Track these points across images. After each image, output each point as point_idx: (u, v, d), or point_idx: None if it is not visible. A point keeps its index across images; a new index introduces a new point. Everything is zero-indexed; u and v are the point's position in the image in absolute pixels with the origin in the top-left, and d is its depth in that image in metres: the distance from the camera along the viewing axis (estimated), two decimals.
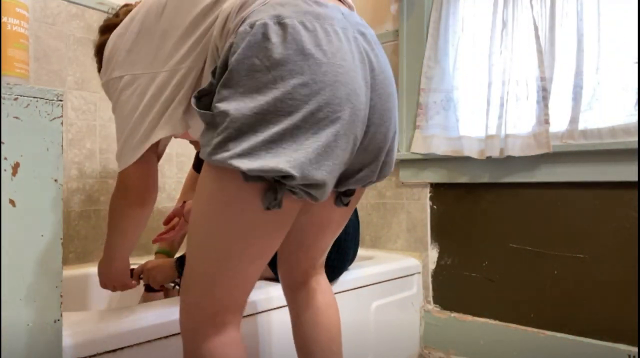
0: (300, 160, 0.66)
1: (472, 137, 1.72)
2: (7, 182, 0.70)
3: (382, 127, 0.78)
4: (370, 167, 0.81)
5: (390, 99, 0.79)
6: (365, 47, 0.75)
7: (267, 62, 0.66)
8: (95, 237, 1.66)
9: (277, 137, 0.65)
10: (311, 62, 0.67)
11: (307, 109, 0.66)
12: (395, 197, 1.99)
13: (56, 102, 0.75)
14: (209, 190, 0.73)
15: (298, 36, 0.67)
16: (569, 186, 1.57)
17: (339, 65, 0.68)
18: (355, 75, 0.71)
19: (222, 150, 0.66)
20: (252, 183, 0.69)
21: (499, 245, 1.71)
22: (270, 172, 0.65)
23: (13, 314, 0.71)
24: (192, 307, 0.77)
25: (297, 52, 0.66)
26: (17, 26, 0.79)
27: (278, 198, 0.69)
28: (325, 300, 0.98)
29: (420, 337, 1.88)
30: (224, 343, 0.77)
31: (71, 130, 1.60)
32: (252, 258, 0.75)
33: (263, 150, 0.65)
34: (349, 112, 0.69)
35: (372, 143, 0.77)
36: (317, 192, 0.70)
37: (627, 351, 1.43)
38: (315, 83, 0.66)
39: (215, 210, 0.73)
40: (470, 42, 1.77)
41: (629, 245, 1.46)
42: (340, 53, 0.69)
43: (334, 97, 0.67)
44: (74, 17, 1.60)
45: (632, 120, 1.43)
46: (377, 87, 0.76)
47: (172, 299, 1.12)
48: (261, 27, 0.67)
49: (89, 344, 0.88)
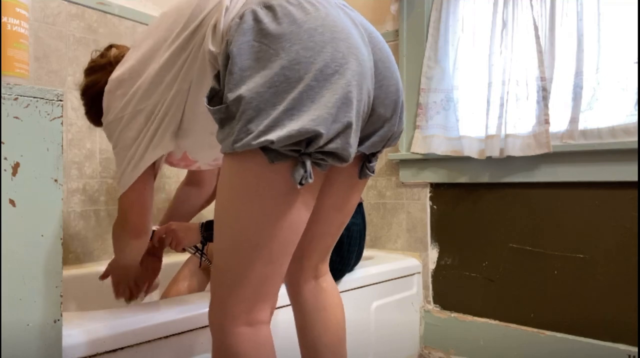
0: (323, 116, 0.67)
1: (472, 137, 1.72)
2: (7, 182, 0.70)
3: (392, 79, 0.81)
4: (391, 121, 0.83)
5: (390, 56, 0.82)
6: (351, 14, 0.79)
7: (265, 40, 0.69)
8: (95, 237, 1.66)
9: (296, 102, 0.67)
10: (305, 27, 0.69)
11: (315, 68, 0.68)
12: (395, 197, 1.99)
13: (56, 102, 0.75)
14: (231, 183, 0.74)
15: (286, 11, 0.70)
16: (569, 186, 1.57)
17: (332, 25, 0.71)
18: (350, 32, 0.73)
19: (245, 134, 0.67)
20: (277, 163, 0.70)
21: (499, 245, 1.71)
22: (299, 135, 0.66)
23: (13, 314, 0.71)
24: (225, 302, 0.76)
25: (290, 24, 0.69)
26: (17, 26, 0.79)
27: (307, 169, 0.70)
28: (335, 301, 0.98)
29: (420, 337, 1.88)
30: (258, 342, 0.76)
31: (71, 130, 1.60)
32: (284, 244, 0.76)
33: (286, 119, 0.66)
34: (355, 62, 0.71)
35: (388, 96, 0.80)
36: (344, 150, 0.71)
37: (627, 351, 1.43)
38: (316, 44, 0.69)
39: (243, 201, 0.73)
40: (470, 42, 1.77)
41: (629, 245, 1.46)
42: (330, 16, 0.72)
43: (336, 52, 0.70)
44: (74, 17, 1.60)
45: (632, 120, 1.43)
46: (375, 43, 0.79)
47: (172, 299, 1.12)
48: (250, 13, 0.71)
49: (89, 344, 0.88)
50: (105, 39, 1.67)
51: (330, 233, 0.95)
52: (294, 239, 0.77)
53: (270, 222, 0.73)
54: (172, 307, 1.05)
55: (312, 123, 0.66)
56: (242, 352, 0.74)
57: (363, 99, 0.73)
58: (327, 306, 0.96)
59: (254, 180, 0.72)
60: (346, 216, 0.95)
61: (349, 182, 0.91)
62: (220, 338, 0.76)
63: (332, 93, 0.69)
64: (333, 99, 0.68)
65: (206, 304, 1.05)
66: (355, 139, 0.73)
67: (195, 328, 1.06)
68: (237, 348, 0.75)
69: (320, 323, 0.94)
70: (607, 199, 1.50)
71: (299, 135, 0.66)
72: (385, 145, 0.87)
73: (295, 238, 0.78)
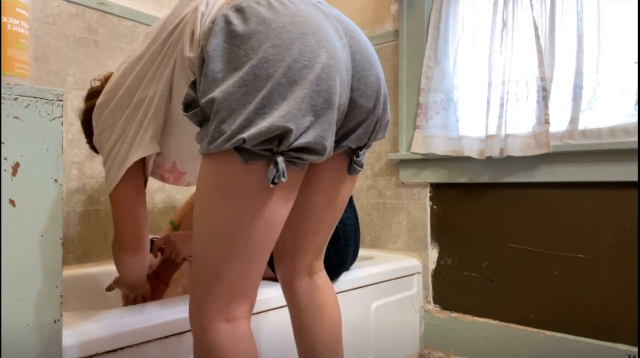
0: (292, 112, 0.68)
1: (472, 137, 1.72)
2: (7, 182, 0.70)
3: (372, 70, 0.81)
4: (375, 113, 0.83)
5: (368, 46, 0.82)
6: (325, 9, 0.79)
7: (235, 41, 0.70)
8: (95, 237, 1.66)
9: (266, 100, 0.68)
10: (274, 25, 0.70)
11: (283, 64, 0.69)
12: (395, 197, 1.99)
13: (56, 102, 0.75)
14: (207, 183, 0.75)
15: (255, 11, 0.71)
16: (569, 186, 1.57)
17: (301, 20, 0.72)
18: (320, 26, 0.74)
19: (218, 134, 0.68)
20: (252, 163, 0.71)
21: (499, 245, 1.71)
22: (268, 132, 0.67)
23: (13, 314, 0.71)
24: (203, 300, 0.77)
25: (258, 23, 0.70)
26: (17, 26, 0.79)
27: (280, 168, 0.70)
28: (330, 299, 0.97)
29: (420, 337, 1.88)
30: (236, 337, 0.77)
31: (71, 130, 1.60)
32: (260, 244, 0.76)
33: (258, 118, 0.67)
34: (326, 55, 0.71)
35: (368, 87, 0.80)
36: (317, 145, 0.71)
37: (627, 351, 1.43)
38: (283, 41, 0.70)
39: (220, 200, 0.74)
40: (470, 42, 1.77)
41: (629, 245, 1.46)
42: (300, 12, 0.73)
43: (305, 47, 0.70)
44: (74, 17, 1.60)
45: (632, 120, 1.43)
46: (351, 34, 0.79)
47: (172, 299, 1.12)
48: (222, 17, 0.72)
49: (89, 344, 0.88)
50: (105, 39, 1.67)
51: (322, 231, 0.95)
52: (270, 238, 0.78)
53: (246, 222, 0.74)
54: (172, 307, 1.05)
55: (281, 119, 0.67)
56: (220, 347, 0.76)
57: (337, 91, 0.73)
58: (323, 303, 0.96)
59: (229, 180, 0.73)
60: (337, 213, 0.95)
61: (338, 179, 0.91)
62: (200, 335, 0.78)
63: (302, 88, 0.69)
64: (302, 94, 0.69)
65: None
66: (330, 131, 0.73)
67: None
68: (215, 344, 0.76)
69: (317, 321, 0.94)
70: (607, 199, 1.50)
71: (268, 132, 0.67)
72: (371, 138, 0.87)
73: (272, 237, 0.78)
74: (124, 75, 0.95)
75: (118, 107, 0.95)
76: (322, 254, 0.99)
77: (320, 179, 0.90)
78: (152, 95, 0.90)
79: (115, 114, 0.95)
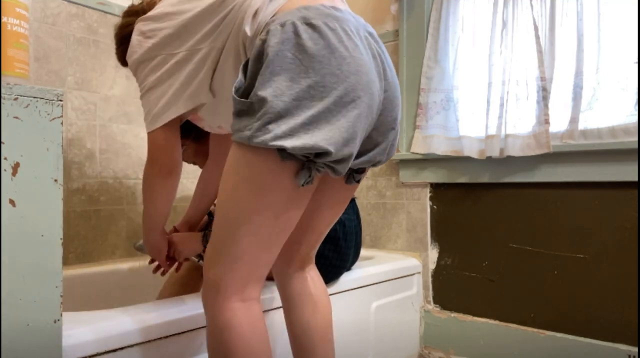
0: (335, 138, 0.76)
1: (472, 137, 1.72)
2: (7, 182, 0.70)
3: (393, 112, 0.89)
4: (382, 146, 0.91)
5: (397, 89, 0.91)
6: (374, 44, 0.86)
7: (300, 55, 0.76)
8: (95, 237, 1.66)
9: (313, 119, 0.75)
10: (337, 55, 0.77)
11: (336, 94, 0.76)
12: (395, 197, 1.99)
13: (56, 102, 0.75)
14: (238, 171, 0.81)
15: (324, 34, 0.77)
16: (569, 186, 1.57)
17: (358, 58, 0.79)
18: (370, 67, 0.81)
19: (264, 133, 0.74)
20: (288, 162, 0.77)
21: (499, 245, 1.71)
22: (311, 149, 0.74)
23: (13, 314, 0.71)
24: (222, 280, 0.82)
25: (324, 47, 0.76)
26: (17, 26, 0.79)
27: (312, 175, 0.79)
28: (320, 288, 1.04)
29: (420, 337, 1.88)
30: (251, 316, 0.82)
31: (71, 130, 1.60)
32: (279, 234, 0.84)
33: (302, 131, 0.74)
34: (369, 97, 0.80)
35: (383, 125, 0.88)
36: (341, 166, 0.80)
37: (627, 351, 1.43)
38: (342, 72, 0.77)
39: (251, 190, 0.80)
40: (470, 42, 1.77)
41: (629, 245, 1.46)
42: (358, 49, 0.80)
43: (357, 84, 0.78)
44: (74, 17, 1.60)
45: (632, 120, 1.43)
46: (388, 78, 0.87)
47: (171, 299, 1.12)
48: (291, 26, 0.77)
49: (89, 344, 0.88)
50: (105, 39, 1.67)
51: (319, 229, 1.02)
52: (289, 229, 0.86)
53: (274, 213, 0.81)
54: (171, 307, 1.05)
55: (325, 142, 0.75)
56: (236, 323, 0.81)
57: (366, 128, 0.82)
58: (314, 292, 1.02)
59: (263, 173, 0.79)
60: (335, 215, 1.02)
61: (340, 185, 0.98)
62: (215, 314, 0.83)
63: (347, 120, 0.77)
64: (346, 125, 0.77)
65: None
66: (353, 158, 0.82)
67: (194, 328, 1.06)
68: (231, 321, 0.81)
69: (309, 307, 1.00)
70: (607, 199, 1.50)
71: (311, 149, 0.74)
72: (373, 165, 0.94)
73: (290, 230, 0.86)
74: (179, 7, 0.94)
75: (172, 42, 0.95)
76: (315, 250, 1.05)
77: (325, 181, 0.96)
78: (208, 51, 0.91)
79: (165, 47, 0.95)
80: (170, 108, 0.96)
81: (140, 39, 0.99)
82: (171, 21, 0.95)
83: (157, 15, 0.98)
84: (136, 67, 1.01)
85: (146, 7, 1.09)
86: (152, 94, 0.98)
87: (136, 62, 1.00)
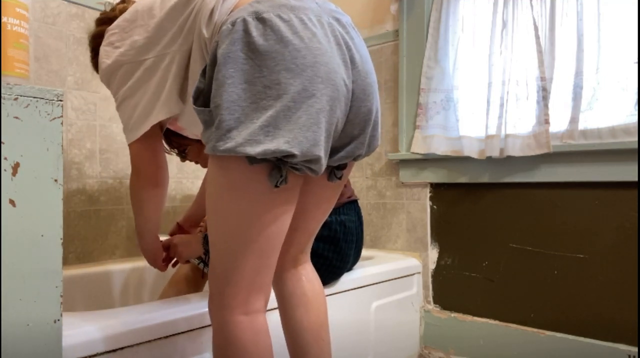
0: (297, 138, 0.72)
1: (472, 137, 1.72)
2: (7, 182, 0.70)
3: (366, 101, 0.83)
4: (359, 139, 0.86)
5: (369, 76, 0.84)
6: (340, 30, 0.81)
7: (252, 54, 0.73)
8: (95, 237, 1.66)
9: (272, 120, 0.72)
10: (290, 48, 0.73)
11: (293, 89, 0.72)
12: (395, 197, 1.99)
13: (56, 102, 0.75)
14: (218, 182, 0.80)
15: (276, 27, 0.73)
16: (569, 186, 1.56)
17: (316, 48, 0.75)
18: (332, 55, 0.77)
19: (226, 141, 0.72)
20: (257, 165, 0.75)
21: (499, 245, 1.71)
22: (273, 154, 0.72)
23: (13, 314, 0.71)
24: (223, 294, 0.82)
25: (276, 42, 0.73)
26: (17, 26, 0.79)
27: (283, 174, 0.76)
28: (315, 287, 1.02)
29: (420, 337, 1.88)
30: (254, 330, 0.82)
31: (71, 130, 1.60)
32: (271, 238, 0.82)
33: (261, 135, 0.71)
34: (331, 88, 0.76)
35: (358, 116, 0.83)
36: (315, 165, 0.77)
37: (627, 351, 1.43)
38: (297, 66, 0.73)
39: (228, 199, 0.79)
40: (470, 42, 1.77)
41: (629, 245, 1.46)
42: (316, 37, 0.76)
43: (315, 76, 0.74)
44: (74, 17, 1.60)
45: (632, 120, 1.43)
46: (357, 65, 0.82)
47: (171, 299, 1.12)
48: (242, 23, 0.74)
49: (89, 344, 0.88)
50: None
51: (308, 228, 1.00)
52: (280, 233, 0.83)
53: (256, 218, 0.79)
54: (172, 307, 1.05)
55: (286, 145, 0.71)
56: (240, 338, 0.80)
57: (334, 122, 0.78)
58: (307, 292, 1.00)
59: (236, 179, 0.77)
60: (323, 213, 1.00)
61: (323, 183, 0.95)
62: (220, 327, 0.82)
63: (308, 116, 0.73)
64: (308, 123, 0.73)
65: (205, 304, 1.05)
66: (325, 156, 0.78)
67: (194, 328, 1.06)
68: (235, 336, 0.80)
69: (301, 308, 0.98)
70: (607, 199, 1.50)
71: (273, 154, 0.72)
72: (354, 160, 0.91)
73: (282, 233, 0.83)
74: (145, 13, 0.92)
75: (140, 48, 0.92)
76: (309, 248, 1.04)
77: (307, 181, 0.94)
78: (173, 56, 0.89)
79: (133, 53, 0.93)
80: (146, 117, 0.93)
81: (108, 49, 0.97)
82: (139, 28, 0.93)
83: (122, 25, 0.96)
84: (107, 78, 0.98)
85: (118, 13, 1.05)
86: (126, 105, 0.96)
87: (107, 73, 0.97)
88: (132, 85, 0.94)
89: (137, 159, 1.00)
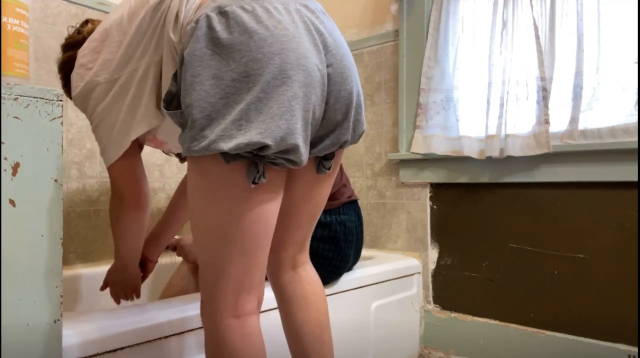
0: (270, 129, 0.70)
1: (472, 137, 1.72)
2: (7, 182, 0.70)
3: (345, 85, 0.81)
4: (344, 125, 0.84)
5: (345, 58, 0.82)
6: (309, 16, 0.79)
7: (217, 49, 0.72)
8: (95, 237, 1.66)
9: (244, 113, 0.70)
10: (256, 38, 0.72)
11: (262, 79, 0.71)
12: (395, 197, 1.99)
13: (56, 102, 0.75)
14: (197, 184, 0.78)
15: (239, 19, 0.72)
16: (569, 186, 1.56)
17: (283, 34, 0.73)
18: (301, 41, 0.75)
19: (200, 140, 0.71)
20: (233, 163, 0.73)
21: (499, 245, 1.71)
22: (247, 147, 0.70)
23: (13, 314, 0.71)
24: (213, 297, 0.81)
25: (241, 33, 0.72)
26: (17, 26, 0.79)
27: (260, 170, 0.74)
28: (315, 288, 1.00)
29: (420, 337, 1.88)
30: (245, 333, 0.80)
31: (71, 130, 1.60)
32: (256, 237, 0.80)
33: (234, 130, 0.70)
34: (302, 74, 0.74)
35: (338, 101, 0.81)
36: (295, 156, 0.74)
37: (627, 351, 1.43)
38: (264, 55, 0.71)
39: (208, 199, 0.77)
40: (470, 42, 1.77)
41: (629, 245, 1.46)
42: (282, 24, 0.74)
43: (284, 64, 0.72)
44: (74, 17, 1.60)
45: (632, 120, 1.43)
46: (330, 49, 0.80)
47: (171, 300, 1.12)
48: (205, 20, 0.73)
49: (89, 344, 0.88)
50: None
51: (302, 226, 0.97)
52: (265, 232, 0.81)
53: (238, 217, 0.77)
54: (172, 307, 1.05)
55: (259, 136, 0.70)
56: (230, 342, 0.79)
57: (310, 109, 0.76)
58: (307, 294, 0.98)
59: (214, 179, 0.76)
60: (316, 208, 0.97)
61: (311, 176, 0.93)
62: (211, 331, 0.81)
63: (279, 105, 0.71)
64: (280, 111, 0.71)
65: None
66: (305, 145, 0.76)
67: (194, 328, 1.06)
68: (225, 339, 0.79)
69: (301, 311, 0.97)
70: (607, 199, 1.50)
71: (246, 148, 0.70)
72: (340, 147, 0.88)
73: (267, 231, 0.81)
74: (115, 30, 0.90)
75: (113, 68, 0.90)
76: (306, 247, 1.02)
77: (295, 178, 0.92)
78: (147, 67, 0.88)
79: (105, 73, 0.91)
80: (126, 133, 0.91)
81: (80, 72, 0.95)
82: (110, 46, 0.91)
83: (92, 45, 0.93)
84: (82, 101, 0.95)
85: (86, 35, 1.03)
86: (103, 126, 0.93)
87: (81, 96, 0.95)
88: (107, 104, 0.92)
89: (118, 182, 0.98)
